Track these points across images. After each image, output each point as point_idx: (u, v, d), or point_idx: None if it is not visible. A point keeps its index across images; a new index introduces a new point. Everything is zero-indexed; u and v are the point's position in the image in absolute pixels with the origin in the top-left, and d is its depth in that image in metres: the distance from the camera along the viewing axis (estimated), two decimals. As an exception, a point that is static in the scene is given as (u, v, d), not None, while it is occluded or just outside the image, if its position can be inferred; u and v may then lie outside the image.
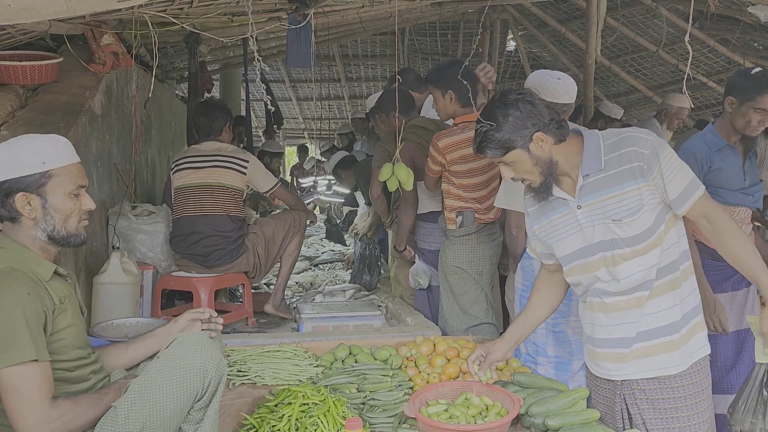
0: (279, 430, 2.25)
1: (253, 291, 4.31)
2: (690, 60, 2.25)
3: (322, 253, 7.07)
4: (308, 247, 7.30)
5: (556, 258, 2.35)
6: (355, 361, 2.89)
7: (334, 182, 7.89)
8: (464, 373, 2.76)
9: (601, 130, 2.25)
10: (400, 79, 4.26)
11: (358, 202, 6.73)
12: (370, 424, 2.38)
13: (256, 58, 3.29)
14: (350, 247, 6.79)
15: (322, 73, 10.35)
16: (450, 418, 2.30)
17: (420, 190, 3.95)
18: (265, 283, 5.38)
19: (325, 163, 8.77)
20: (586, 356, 2.39)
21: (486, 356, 2.47)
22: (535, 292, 2.49)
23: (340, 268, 6.34)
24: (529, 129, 2.10)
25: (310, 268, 6.43)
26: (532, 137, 2.11)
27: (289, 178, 12.13)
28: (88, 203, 2.14)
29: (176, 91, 7.45)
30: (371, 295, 4.58)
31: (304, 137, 14.65)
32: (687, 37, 2.26)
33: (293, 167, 12.62)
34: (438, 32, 8.50)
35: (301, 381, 2.72)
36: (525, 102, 2.11)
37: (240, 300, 4.52)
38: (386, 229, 4.88)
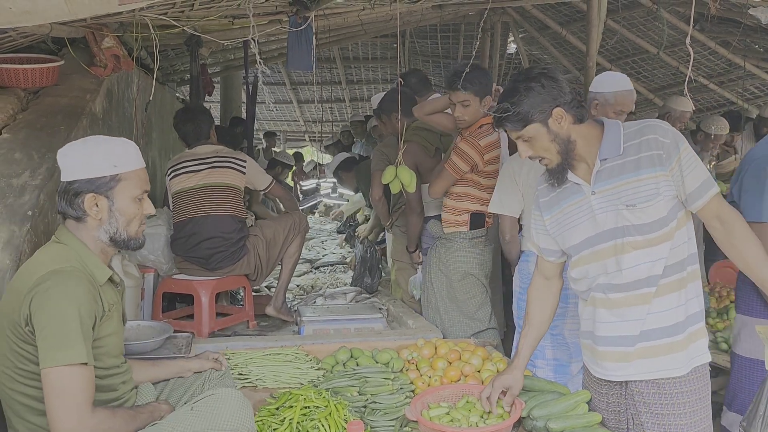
0: (280, 433, 2.24)
1: (253, 294, 4.31)
2: (692, 62, 2.25)
3: (323, 256, 7.06)
4: (309, 250, 7.29)
5: (559, 253, 2.35)
6: (357, 364, 2.88)
7: (337, 185, 7.88)
8: (465, 376, 2.76)
9: None
10: (402, 82, 4.26)
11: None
12: (371, 428, 2.38)
13: (258, 60, 3.28)
14: (352, 250, 6.79)
15: (322, 75, 10.36)
16: (452, 421, 2.29)
17: (424, 193, 3.95)
18: (266, 286, 5.38)
19: (326, 166, 8.76)
20: (586, 356, 2.37)
21: (509, 392, 2.37)
22: (535, 308, 2.44)
23: (341, 271, 6.33)
24: (549, 104, 2.12)
25: (311, 271, 6.42)
26: (552, 112, 2.13)
27: (291, 184, 12.11)
28: (149, 208, 2.17)
29: (177, 94, 7.45)
30: (372, 297, 4.58)
31: (304, 140, 14.65)
32: (688, 40, 2.26)
33: (293, 173, 12.62)
34: (439, 35, 8.51)
35: (302, 384, 2.72)
36: (547, 77, 2.14)
37: (241, 303, 4.51)
38: (387, 231, 4.87)
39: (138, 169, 2.13)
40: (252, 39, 3.08)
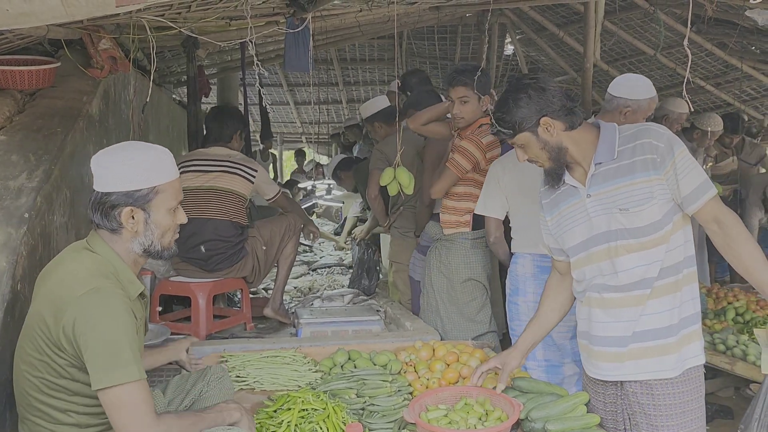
0: (278, 436, 2.24)
1: (251, 296, 4.30)
2: (689, 64, 2.25)
3: (320, 258, 7.05)
4: (306, 252, 7.28)
5: (566, 253, 2.37)
6: (354, 367, 2.88)
7: (333, 186, 7.85)
8: (464, 378, 2.75)
9: None
10: (399, 84, 4.26)
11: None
12: (369, 430, 2.37)
13: (255, 62, 3.28)
14: (349, 253, 6.77)
15: (320, 77, 10.34)
16: (450, 423, 2.29)
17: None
18: (263, 288, 5.37)
19: (325, 167, 8.74)
20: (583, 356, 2.40)
21: (503, 367, 2.47)
22: (546, 298, 2.50)
23: (338, 273, 6.32)
24: (536, 114, 2.17)
25: (309, 273, 6.41)
26: (540, 121, 2.18)
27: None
28: (182, 217, 2.14)
29: (174, 96, 7.44)
30: (370, 299, 4.58)
31: (301, 141, 14.64)
32: (686, 42, 2.26)
33: (293, 172, 12.62)
34: (436, 36, 8.51)
35: (300, 386, 2.71)
36: (535, 88, 2.19)
37: (238, 305, 4.51)
38: (385, 232, 4.87)
39: (174, 179, 2.09)
40: (249, 40, 3.07)
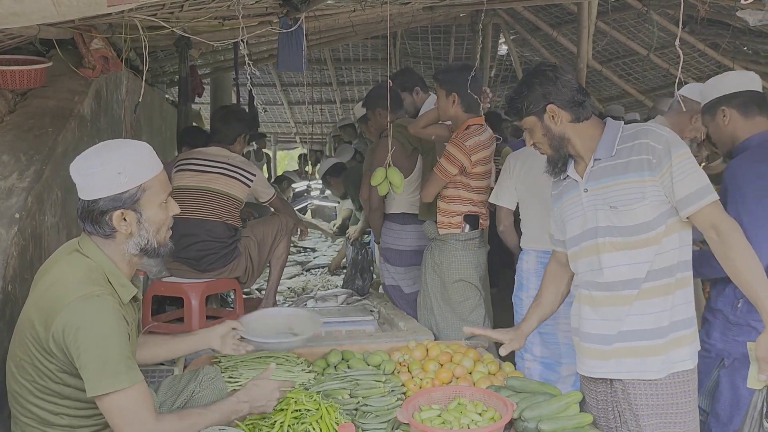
0: (271, 437, 2.23)
1: (244, 296, 4.29)
2: (681, 64, 2.26)
3: (313, 258, 7.04)
4: (299, 252, 7.27)
5: (565, 245, 2.41)
6: (348, 367, 2.88)
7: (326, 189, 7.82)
8: (457, 378, 2.76)
9: None
10: (391, 83, 4.25)
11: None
12: (363, 430, 2.37)
13: (247, 62, 3.27)
14: (341, 243, 6.76)
15: (313, 77, 10.34)
16: (443, 423, 2.29)
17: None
18: (256, 288, 5.36)
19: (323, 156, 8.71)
20: (576, 353, 2.42)
21: (507, 344, 2.57)
22: (546, 282, 2.57)
23: (332, 273, 6.31)
24: (543, 100, 2.24)
25: (302, 273, 6.40)
26: (546, 108, 2.23)
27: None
28: (174, 208, 2.11)
29: (166, 96, 7.42)
30: (363, 300, 4.57)
31: (295, 141, 14.62)
32: (677, 42, 2.27)
33: (291, 172, 12.58)
34: (430, 36, 8.52)
35: (293, 387, 2.70)
36: (548, 76, 2.24)
37: (231, 306, 4.49)
38: (376, 241, 4.85)
39: (159, 172, 2.05)
40: (242, 40, 3.06)
